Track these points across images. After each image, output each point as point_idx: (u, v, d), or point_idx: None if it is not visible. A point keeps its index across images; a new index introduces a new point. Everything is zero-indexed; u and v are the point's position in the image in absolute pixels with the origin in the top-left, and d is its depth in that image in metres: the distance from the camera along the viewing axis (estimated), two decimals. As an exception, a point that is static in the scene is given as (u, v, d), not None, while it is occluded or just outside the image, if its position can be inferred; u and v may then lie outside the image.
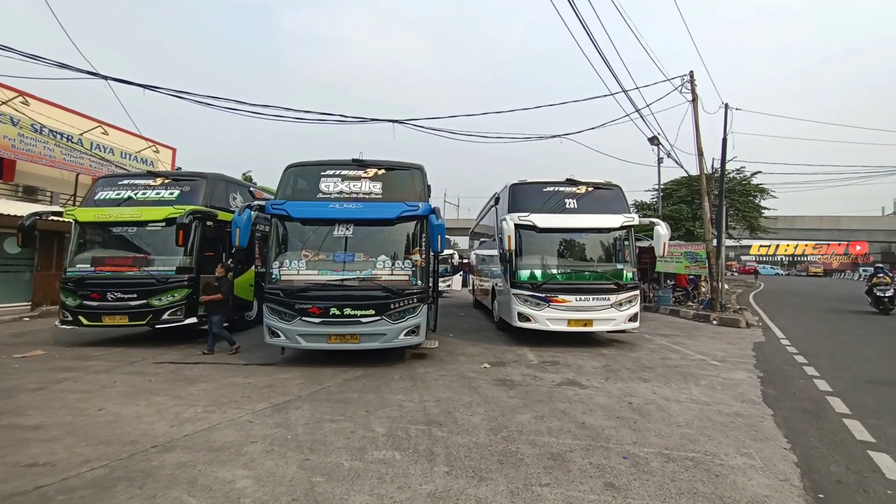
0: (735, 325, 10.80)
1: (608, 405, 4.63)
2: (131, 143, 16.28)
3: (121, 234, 7.94)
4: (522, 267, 7.93)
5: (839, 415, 4.42)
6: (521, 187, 8.60)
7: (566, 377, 5.76)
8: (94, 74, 8.45)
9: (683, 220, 22.07)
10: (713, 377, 5.84)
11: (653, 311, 13.77)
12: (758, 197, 24.01)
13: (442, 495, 2.81)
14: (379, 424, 4.03)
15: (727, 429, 3.99)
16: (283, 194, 6.64)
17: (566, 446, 3.57)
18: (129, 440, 3.64)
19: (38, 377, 5.54)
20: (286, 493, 2.83)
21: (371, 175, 6.75)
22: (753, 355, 7.36)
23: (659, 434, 3.85)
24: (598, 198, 8.41)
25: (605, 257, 8.31)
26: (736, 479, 3.05)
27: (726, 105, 14.19)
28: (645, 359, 6.94)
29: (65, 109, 14.20)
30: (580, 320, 7.61)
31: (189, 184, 8.42)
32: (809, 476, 3.12)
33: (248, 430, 3.88)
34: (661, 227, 7.97)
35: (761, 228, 25.37)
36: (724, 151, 14.07)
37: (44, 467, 3.17)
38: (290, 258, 6.34)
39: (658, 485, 2.97)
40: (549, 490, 2.89)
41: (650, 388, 5.30)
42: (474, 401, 4.74)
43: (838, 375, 5.97)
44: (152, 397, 4.78)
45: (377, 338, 6.03)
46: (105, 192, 8.25)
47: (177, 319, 7.52)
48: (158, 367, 6.13)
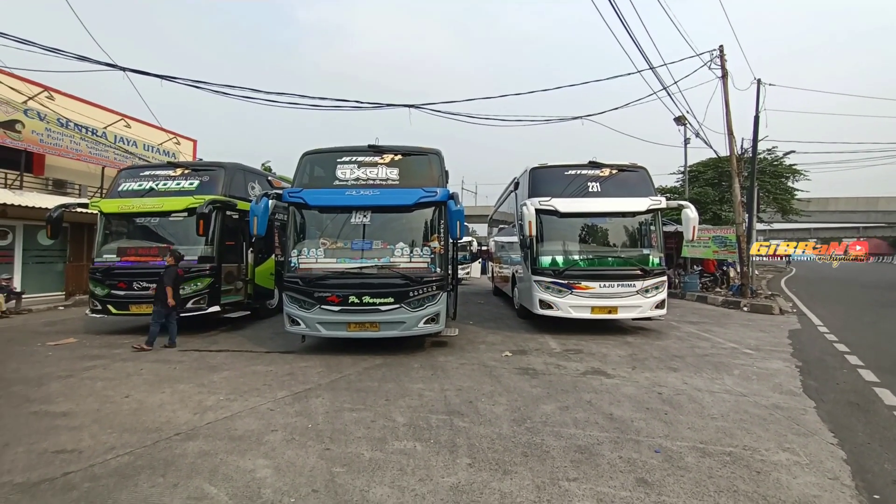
0: (768, 311, 10.35)
1: (636, 396, 4.44)
2: (153, 136, 16.55)
3: (144, 225, 8.07)
4: (543, 253, 7.71)
5: (889, 408, 4.13)
6: (542, 171, 8.33)
7: (591, 366, 5.59)
8: (112, 66, 8.51)
9: (710, 204, 21.26)
10: (747, 367, 5.57)
11: (679, 298, 13.36)
12: (790, 178, 22.91)
13: (465, 489, 2.71)
14: (399, 414, 3.96)
15: (766, 422, 3.77)
16: (300, 182, 6.58)
17: (594, 439, 3.42)
18: (152, 428, 3.67)
19: (67, 365, 5.69)
20: (306, 483, 2.78)
21: (388, 161, 6.61)
22: (789, 343, 7.01)
23: (692, 427, 3.66)
24: (623, 181, 8.08)
25: (631, 242, 8.01)
26: (780, 477, 2.85)
27: (759, 81, 13.45)
28: (673, 347, 6.69)
29: (88, 103, 14.50)
30: (604, 307, 7.38)
31: (208, 174, 8.46)
32: (861, 475, 2.89)
33: (268, 418, 3.86)
34: (690, 209, 7.62)
35: (794, 211, 24.27)
36: (755, 130, 13.40)
37: (70, 454, 3.20)
38: (309, 246, 6.30)
39: (694, 481, 2.79)
40: (577, 485, 2.75)
41: (680, 377, 5.08)
42: (496, 390, 4.62)
43: (884, 366, 5.60)
44: (176, 385, 4.83)
45: (396, 326, 5.96)
46: (128, 184, 8.37)
47: (200, 308, 7.63)
48: (182, 355, 6.22)
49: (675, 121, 17.24)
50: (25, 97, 12.46)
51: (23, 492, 2.71)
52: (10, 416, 3.95)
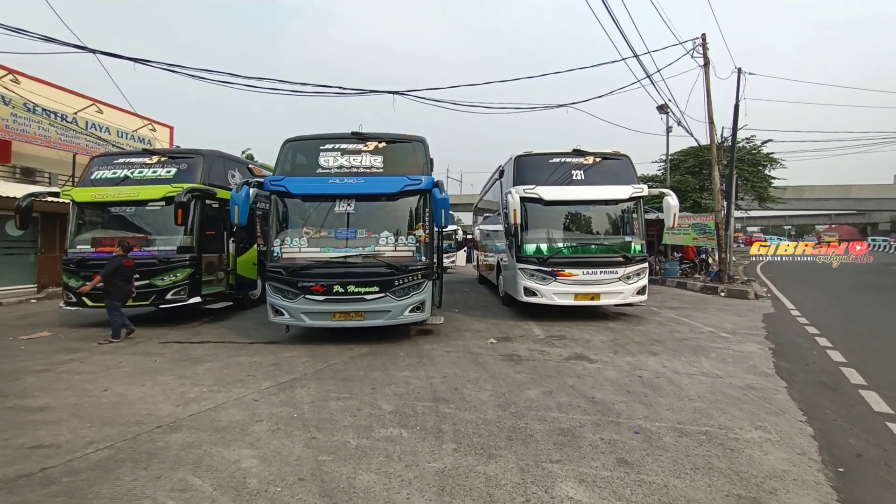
0: (744, 296, 10.68)
1: (618, 379, 4.56)
2: (127, 122, 15.95)
3: (119, 214, 7.82)
4: (528, 241, 7.77)
5: (855, 386, 4.33)
6: (527, 159, 8.35)
7: (574, 352, 5.69)
8: (81, 48, 8.14)
9: (690, 192, 21.65)
10: (724, 350, 5.75)
11: (659, 284, 13.66)
12: (767, 166, 23.45)
13: (451, 473, 2.76)
14: (385, 402, 3.98)
15: (740, 402, 3.91)
16: (282, 170, 6.45)
17: (576, 422, 3.51)
18: (133, 421, 3.61)
19: (43, 359, 5.54)
20: (292, 472, 2.79)
21: (371, 148, 6.53)
22: (764, 327, 7.26)
23: (671, 408, 3.78)
24: (606, 168, 8.15)
25: (613, 229, 8.12)
26: (752, 454, 2.97)
27: (739, 70, 13.64)
28: (653, 332, 6.86)
29: (57, 87, 13.85)
30: (587, 294, 7.50)
31: (186, 161, 8.23)
32: (828, 450, 3.03)
33: (253, 409, 3.84)
34: (672, 197, 7.76)
35: (771, 199, 24.90)
36: (735, 118, 13.62)
37: (49, 449, 3.14)
38: (292, 235, 6.21)
39: (672, 460, 2.90)
40: (560, 466, 2.82)
41: (660, 361, 5.22)
42: (481, 377, 4.68)
43: (852, 347, 5.86)
44: (157, 377, 4.75)
45: (382, 315, 5.96)
46: (101, 172, 8.09)
47: (181, 299, 7.48)
48: (163, 347, 6.11)
49: (658, 109, 17.41)
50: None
51: (0, 488, 2.65)
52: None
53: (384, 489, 2.59)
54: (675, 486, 2.60)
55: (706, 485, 2.60)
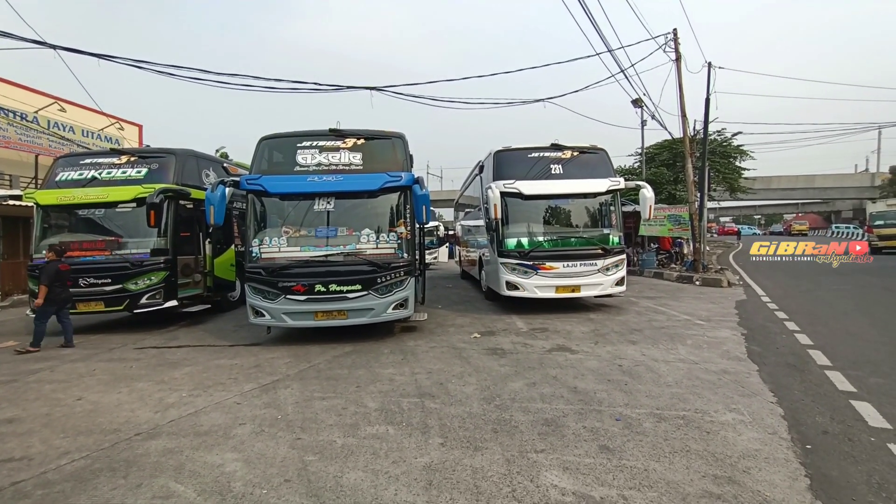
0: (717, 284, 11.03)
1: (599, 369, 4.66)
2: (93, 121, 15.34)
3: (88, 217, 7.54)
4: (509, 235, 7.84)
5: (821, 367, 4.54)
6: (506, 154, 8.40)
7: (556, 343, 5.79)
8: (40, 44, 7.77)
9: (665, 184, 22.20)
10: (699, 336, 5.95)
11: (637, 275, 13.99)
12: (738, 158, 24.23)
13: (438, 467, 2.78)
14: (371, 399, 3.97)
15: (715, 386, 4.06)
16: (259, 168, 6.33)
17: (559, 412, 3.58)
18: (110, 429, 3.51)
19: (10, 368, 5.31)
20: (278, 473, 2.76)
21: (350, 145, 6.46)
22: (736, 313, 7.53)
23: (650, 395, 3.89)
24: (584, 162, 8.28)
25: (592, 222, 8.27)
26: (726, 435, 3.09)
27: (709, 64, 13.99)
28: (632, 322, 7.03)
29: (14, 85, 13.21)
30: (568, 286, 7.63)
31: (157, 161, 7.98)
32: (797, 428, 3.18)
33: (235, 412, 3.78)
34: (647, 189, 7.94)
35: (741, 189, 25.76)
36: (706, 111, 13.98)
37: (20, 462, 3.02)
38: (270, 235, 6.11)
39: (651, 444, 2.99)
40: (545, 456, 2.88)
41: (639, 350, 5.37)
42: (466, 371, 4.71)
43: (818, 330, 6.14)
44: (134, 384, 4.62)
45: (365, 313, 5.93)
46: (66, 173, 7.77)
47: (156, 303, 7.27)
48: (139, 353, 5.94)
49: (633, 103, 17.73)
50: (-62, 78, 11.22)
51: (-33, 505, 2.54)
52: (-54, 427, 3.66)
53: (372, 486, 2.59)
54: (655, 469, 2.69)
55: (684, 467, 2.70)
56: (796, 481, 2.53)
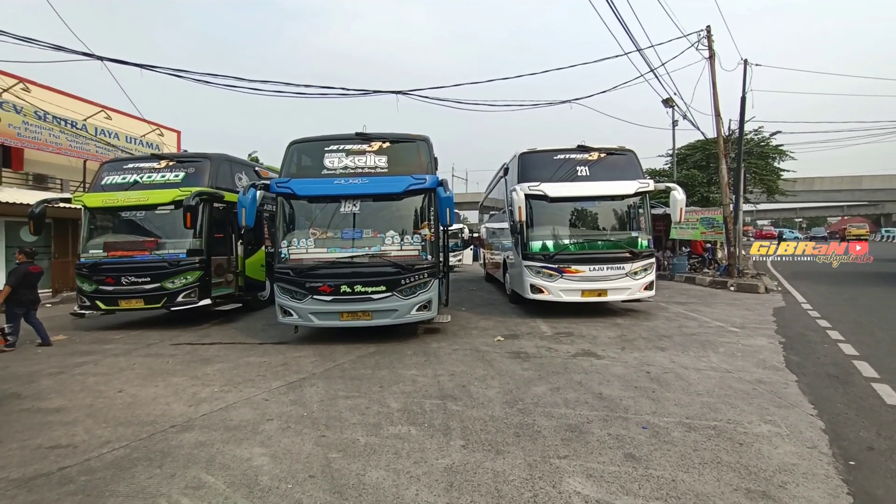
0: (753, 290, 10.57)
1: (625, 375, 4.55)
2: (135, 127, 16.17)
3: (130, 219, 7.95)
4: (534, 238, 7.77)
5: (867, 379, 4.28)
6: (531, 156, 8.34)
7: (581, 348, 5.69)
8: (89, 56, 8.26)
9: (697, 186, 21.45)
10: (732, 344, 5.72)
11: (667, 280, 13.57)
12: (776, 159, 23.15)
13: (459, 469, 2.78)
14: (393, 400, 4.01)
15: (749, 396, 3.89)
16: (288, 172, 6.51)
17: (583, 418, 3.51)
18: (147, 421, 3.68)
19: (58, 361, 5.65)
20: (303, 469, 2.83)
21: (376, 149, 6.56)
22: (774, 321, 7.19)
23: (678, 403, 3.77)
24: (612, 164, 8.12)
25: (619, 225, 8.09)
26: (761, 448, 2.96)
27: (745, 61, 13.49)
28: (661, 327, 6.82)
29: (66, 95, 14.07)
30: (594, 290, 7.48)
31: (193, 165, 8.33)
32: (838, 443, 3.01)
33: (263, 408, 3.90)
34: (678, 191, 7.70)
35: (780, 191, 24.59)
36: (742, 110, 13.48)
37: (65, 449, 3.21)
38: (299, 237, 6.27)
39: (680, 455, 2.89)
40: (568, 462, 2.83)
41: (668, 356, 5.21)
42: (488, 374, 4.70)
43: (863, 339, 5.79)
44: (169, 378, 4.83)
45: (389, 314, 6.00)
46: (111, 177, 8.21)
47: (191, 301, 7.58)
48: (175, 349, 6.21)
49: (663, 103, 17.29)
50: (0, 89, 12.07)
51: (19, 486, 2.72)
52: (2, 414, 3.93)
53: (393, 485, 2.62)
54: (684, 480, 2.60)
55: (714, 479, 2.60)
56: (837, 499, 2.40)
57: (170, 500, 2.54)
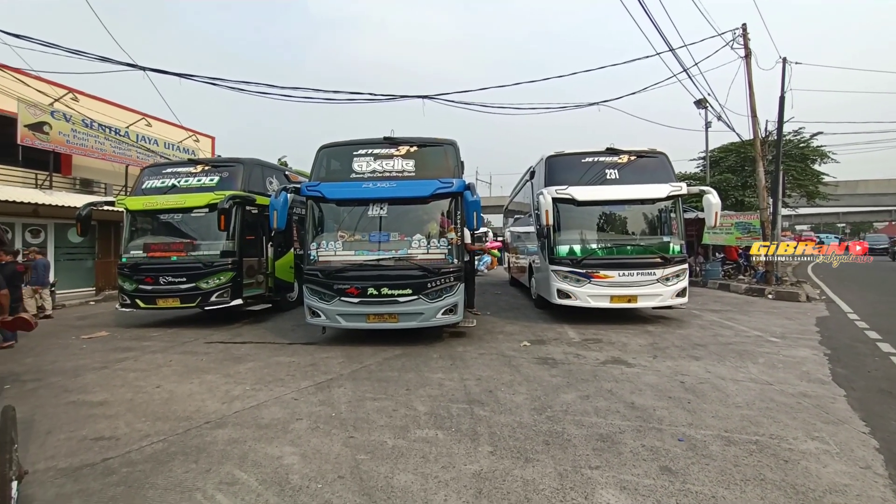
0: (794, 298, 10.07)
1: (658, 384, 4.40)
2: (173, 134, 16.90)
3: (168, 221, 8.29)
4: (561, 242, 7.64)
5: (925, 396, 4.00)
6: (558, 159, 8.22)
7: (611, 355, 5.54)
8: (133, 66, 8.69)
9: (731, 190, 20.67)
10: (773, 355, 5.45)
11: (700, 286, 13.11)
12: (817, 161, 22.06)
13: (487, 476, 2.74)
14: (420, 403, 4.01)
15: (793, 410, 3.69)
16: (317, 176, 6.64)
17: (615, 427, 3.41)
18: (183, 416, 3.80)
19: (101, 357, 5.93)
20: (332, 470, 2.85)
21: (403, 153, 6.61)
22: (817, 331, 6.83)
23: (716, 415, 3.61)
24: (642, 167, 7.91)
25: (650, 230, 7.87)
26: (808, 466, 2.80)
27: (784, 59, 12.97)
28: (695, 335, 6.58)
29: (111, 104, 14.87)
30: (624, 296, 7.29)
31: (227, 170, 8.62)
32: (895, 464, 2.81)
33: (293, 407, 3.96)
34: (712, 195, 7.42)
35: (820, 195, 23.40)
36: (781, 110, 12.95)
37: (108, 441, 3.35)
38: (327, 239, 6.38)
39: (720, 470, 2.77)
40: (600, 473, 2.75)
41: (703, 366, 5.01)
42: (515, 380, 4.63)
43: (919, 352, 5.42)
44: (204, 375, 4.98)
45: (415, 317, 6.01)
46: (151, 181, 8.59)
47: (223, 301, 7.82)
48: (209, 347, 6.40)
49: (696, 104, 16.79)
50: (52, 99, 12.84)
51: (66, 476, 2.85)
52: (50, 406, 4.15)
53: (421, 489, 2.60)
54: (724, 497, 2.48)
55: (758, 497, 2.47)
56: (896, 524, 2.23)
57: (205, 494, 2.60)
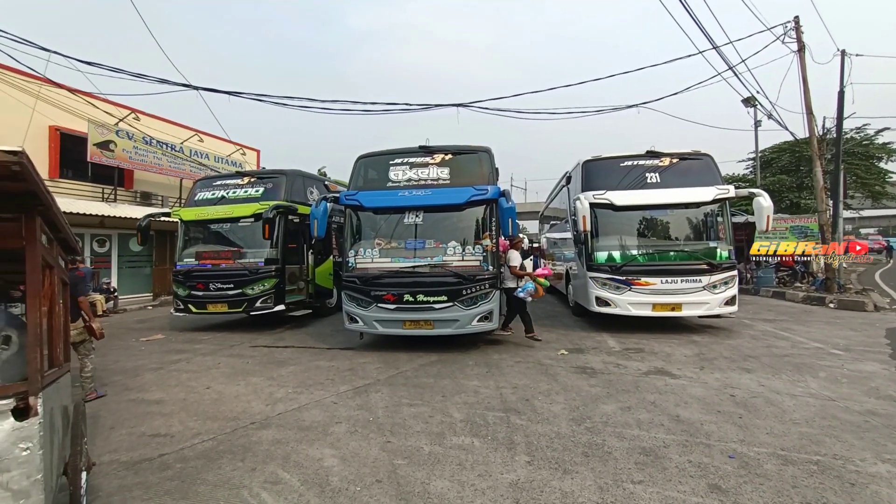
0: (859, 308, 9.30)
1: (706, 397, 4.18)
2: (222, 148, 17.92)
3: (217, 230, 8.78)
4: (599, 248, 7.45)
5: None
6: (596, 163, 8.04)
7: (653, 366, 5.33)
8: (188, 86, 9.32)
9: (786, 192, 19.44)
10: (835, 368, 5.05)
11: (751, 294, 12.38)
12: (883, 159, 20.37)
13: (525, 486, 2.71)
14: (456, 410, 4.01)
15: (860, 430, 3.40)
16: (355, 185, 6.83)
17: (659, 441, 3.27)
18: (231, 416, 4.00)
19: (157, 358, 6.33)
20: (370, 473, 2.91)
21: (438, 161, 6.69)
22: (888, 343, 6.27)
23: (771, 432, 3.39)
24: (686, 169, 7.60)
25: (695, 235, 7.53)
26: (879, 490, 2.57)
27: (843, 52, 12.11)
28: (746, 346, 6.21)
29: (167, 121, 15.98)
30: (667, 304, 7.00)
31: (271, 181, 9.03)
32: (983, 492, 2.54)
33: (332, 411, 4.07)
34: (764, 197, 7.00)
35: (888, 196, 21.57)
36: (840, 107, 12.07)
37: (164, 438, 3.58)
38: (365, 247, 6.54)
39: (775, 490, 2.59)
40: (643, 488, 2.65)
41: (755, 379, 4.71)
42: (553, 389, 4.54)
43: None
44: (249, 378, 5.22)
45: (450, 324, 6.04)
46: (203, 193, 9.14)
47: (267, 307, 8.17)
48: (254, 351, 6.70)
49: (744, 102, 15.98)
50: (117, 119, 13.96)
51: (127, 468, 3.06)
52: (113, 403, 4.48)
53: (458, 497, 2.60)
54: (781, 519, 2.32)
55: (820, 521, 2.30)
56: None
57: (251, 492, 2.72)
